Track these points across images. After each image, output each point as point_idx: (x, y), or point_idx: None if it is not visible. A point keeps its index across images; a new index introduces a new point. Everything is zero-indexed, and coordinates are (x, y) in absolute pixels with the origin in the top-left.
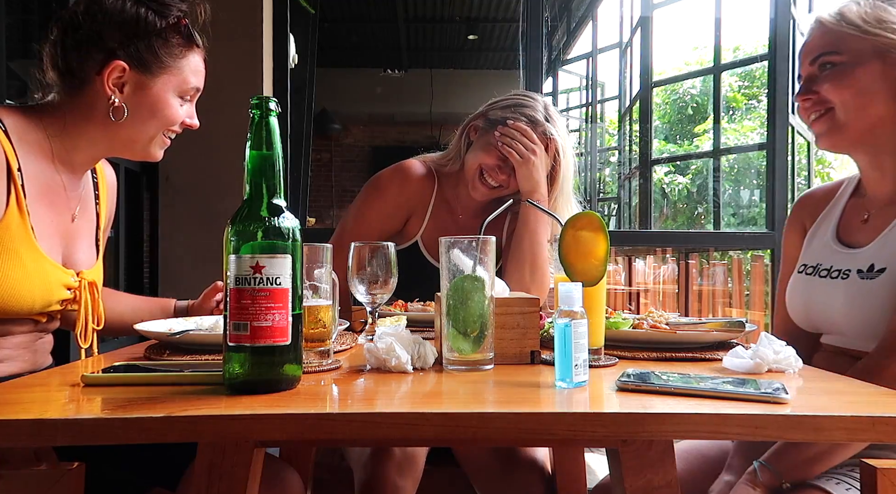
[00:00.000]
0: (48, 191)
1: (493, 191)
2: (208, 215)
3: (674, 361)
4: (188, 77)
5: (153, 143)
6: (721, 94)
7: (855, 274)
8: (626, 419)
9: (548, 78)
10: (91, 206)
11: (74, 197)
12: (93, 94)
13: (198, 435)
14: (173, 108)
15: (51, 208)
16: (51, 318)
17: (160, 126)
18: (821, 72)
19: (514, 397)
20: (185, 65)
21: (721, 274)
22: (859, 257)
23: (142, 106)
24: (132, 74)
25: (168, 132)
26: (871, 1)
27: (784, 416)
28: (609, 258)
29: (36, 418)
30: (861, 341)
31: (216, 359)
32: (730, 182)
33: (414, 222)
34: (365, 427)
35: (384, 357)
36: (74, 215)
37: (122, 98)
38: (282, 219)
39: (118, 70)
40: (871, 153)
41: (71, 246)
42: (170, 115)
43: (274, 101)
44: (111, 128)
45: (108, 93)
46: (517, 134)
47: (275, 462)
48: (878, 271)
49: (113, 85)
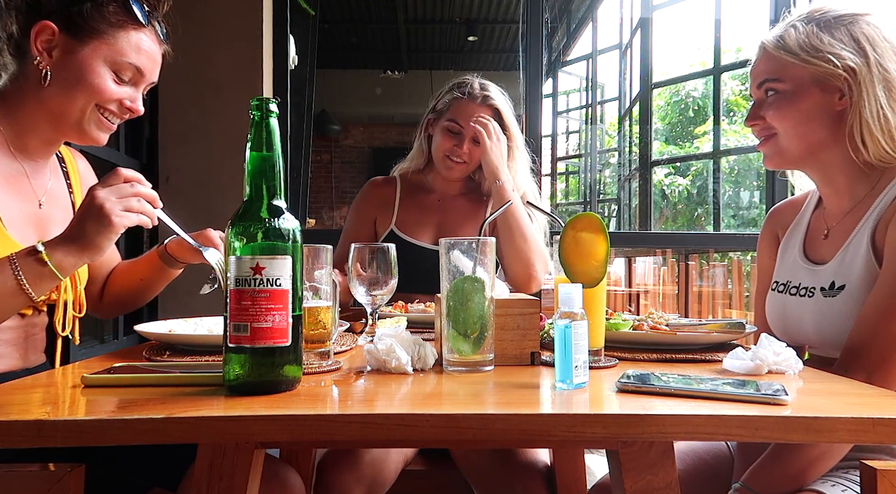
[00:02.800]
0: (9, 179)
1: (463, 167)
2: (208, 216)
3: (674, 362)
4: (125, 50)
5: (86, 119)
6: (721, 95)
7: (819, 292)
8: (626, 420)
9: (548, 79)
10: (63, 193)
11: (41, 184)
12: (29, 62)
13: (198, 436)
14: (101, 78)
15: (16, 195)
16: (36, 310)
17: (88, 97)
18: (766, 97)
19: (514, 398)
20: (123, 37)
21: (721, 275)
22: (822, 274)
23: (67, 71)
24: (61, 37)
25: (104, 111)
26: (810, 27)
27: (784, 417)
28: (609, 260)
29: (36, 419)
30: (836, 352)
31: (216, 360)
32: (730, 184)
33: (383, 219)
34: (365, 429)
35: (384, 358)
36: (41, 202)
37: (50, 62)
38: (282, 220)
39: (48, 32)
40: (820, 171)
41: (46, 234)
42: (97, 85)
43: (274, 102)
44: (42, 98)
45: (33, 52)
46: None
47: (275, 463)
48: (838, 289)
49: (41, 47)
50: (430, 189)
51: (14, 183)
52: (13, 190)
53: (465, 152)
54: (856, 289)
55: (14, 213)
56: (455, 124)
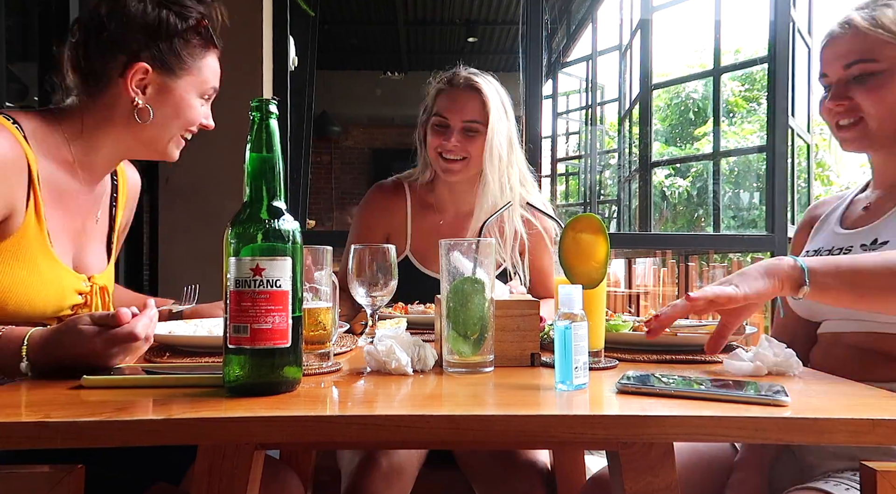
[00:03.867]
0: (64, 196)
1: (461, 164)
2: (208, 217)
3: (674, 363)
4: (208, 78)
5: (172, 143)
6: (721, 96)
7: (858, 248)
8: (626, 421)
9: (547, 80)
10: (106, 209)
11: (89, 201)
12: (114, 96)
13: (198, 438)
14: (195, 109)
15: (65, 212)
16: (59, 321)
17: (182, 127)
18: (855, 78)
19: (514, 399)
20: (205, 66)
21: (720, 276)
22: (861, 234)
23: (166, 107)
24: (154, 76)
25: (186, 132)
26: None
27: (784, 418)
28: (609, 261)
29: (37, 420)
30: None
31: (216, 362)
32: (730, 185)
33: (398, 238)
34: (365, 430)
35: (384, 360)
36: (87, 220)
37: (146, 99)
38: (282, 221)
39: (141, 72)
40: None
41: (82, 250)
42: (192, 116)
43: (274, 103)
44: (133, 129)
45: (131, 95)
46: None
47: (275, 464)
48: (881, 244)
49: (136, 87)
50: (439, 208)
51: (67, 200)
52: (64, 207)
53: (455, 145)
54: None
55: (60, 229)
56: (440, 118)
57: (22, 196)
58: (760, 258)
